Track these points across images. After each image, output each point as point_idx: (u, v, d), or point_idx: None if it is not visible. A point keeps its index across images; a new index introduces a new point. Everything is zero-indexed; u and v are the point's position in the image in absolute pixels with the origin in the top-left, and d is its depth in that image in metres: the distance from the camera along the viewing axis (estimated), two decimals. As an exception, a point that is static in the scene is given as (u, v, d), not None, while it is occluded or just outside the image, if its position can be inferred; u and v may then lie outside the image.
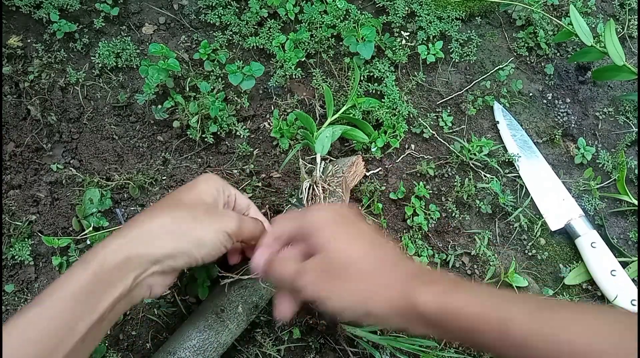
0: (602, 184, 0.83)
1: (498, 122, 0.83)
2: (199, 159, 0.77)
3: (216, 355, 0.59)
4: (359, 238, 0.45)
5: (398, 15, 0.83)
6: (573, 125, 0.86)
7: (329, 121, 0.76)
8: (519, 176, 0.80)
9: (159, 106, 0.75)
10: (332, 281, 0.43)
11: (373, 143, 0.77)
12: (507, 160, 0.81)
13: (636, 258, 0.76)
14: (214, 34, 0.81)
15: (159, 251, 0.46)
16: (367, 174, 0.77)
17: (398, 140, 0.78)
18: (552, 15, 0.89)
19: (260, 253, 0.50)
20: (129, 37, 0.79)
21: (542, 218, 0.79)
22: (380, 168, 0.78)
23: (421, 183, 0.77)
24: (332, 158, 0.76)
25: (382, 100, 0.79)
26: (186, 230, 0.47)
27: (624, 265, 0.76)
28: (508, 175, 0.80)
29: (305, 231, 0.47)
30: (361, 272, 0.43)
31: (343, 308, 0.43)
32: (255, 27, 0.82)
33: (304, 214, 0.48)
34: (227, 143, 0.77)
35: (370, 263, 0.43)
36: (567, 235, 0.80)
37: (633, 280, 0.76)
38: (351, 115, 0.76)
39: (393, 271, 0.43)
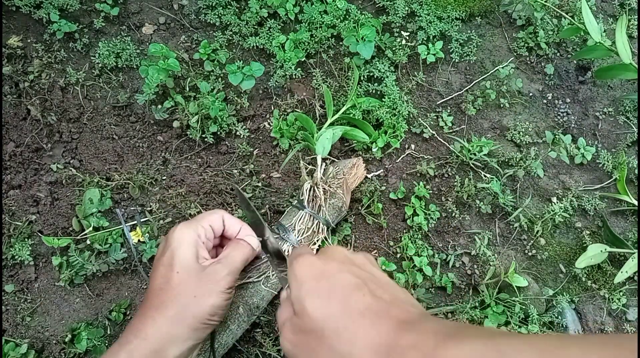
0: (602, 185, 0.83)
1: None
2: (199, 159, 0.77)
3: (218, 355, 0.59)
4: (335, 293, 0.40)
5: (398, 15, 0.83)
6: (573, 125, 0.86)
7: (329, 121, 0.76)
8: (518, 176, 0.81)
9: (159, 106, 0.75)
10: (309, 341, 0.40)
11: (374, 143, 0.77)
12: (506, 160, 0.81)
13: (635, 252, 0.76)
14: (214, 34, 0.81)
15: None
16: (368, 176, 0.77)
17: (398, 140, 0.78)
18: (552, 15, 0.89)
19: None
20: (129, 37, 0.79)
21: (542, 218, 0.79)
22: (380, 168, 0.78)
23: (421, 183, 0.77)
24: (333, 159, 0.76)
25: (383, 99, 0.79)
26: (190, 324, 0.51)
27: (624, 259, 0.76)
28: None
29: (290, 284, 0.45)
30: (340, 329, 0.38)
31: None
32: (255, 27, 0.82)
33: (291, 262, 0.46)
34: (227, 143, 0.77)
35: (347, 321, 0.38)
36: (566, 235, 0.79)
37: (633, 278, 0.76)
38: (351, 115, 0.76)
39: (374, 326, 0.38)
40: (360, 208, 0.75)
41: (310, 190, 0.68)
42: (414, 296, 0.48)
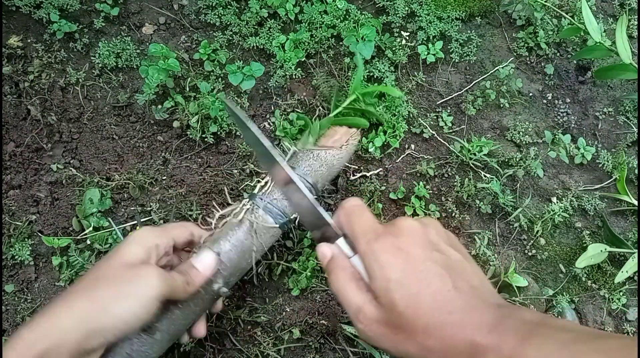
0: (602, 185, 0.83)
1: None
2: (199, 159, 0.77)
3: (166, 345, 0.55)
4: (424, 289, 0.40)
5: (398, 15, 0.83)
6: (573, 125, 0.86)
7: (332, 114, 0.75)
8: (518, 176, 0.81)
9: (159, 106, 0.75)
10: (397, 335, 0.40)
11: (371, 143, 0.77)
12: (506, 160, 0.81)
13: (635, 251, 0.76)
14: (214, 34, 0.81)
15: (73, 345, 0.44)
16: (368, 174, 0.77)
17: (398, 140, 0.78)
18: (552, 15, 0.89)
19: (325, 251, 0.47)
20: (129, 37, 0.80)
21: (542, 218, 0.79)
22: (380, 168, 0.78)
23: (421, 183, 0.77)
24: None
25: (382, 99, 0.79)
26: (102, 312, 0.45)
27: (624, 259, 0.76)
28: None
29: (369, 274, 0.43)
30: (429, 327, 0.39)
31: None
32: (255, 27, 0.82)
33: (369, 249, 0.43)
34: (227, 143, 0.77)
35: (436, 320, 0.39)
36: (566, 235, 0.79)
37: (633, 278, 0.77)
38: (357, 106, 0.75)
39: (460, 325, 0.39)
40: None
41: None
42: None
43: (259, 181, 0.65)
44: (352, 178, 0.76)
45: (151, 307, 0.47)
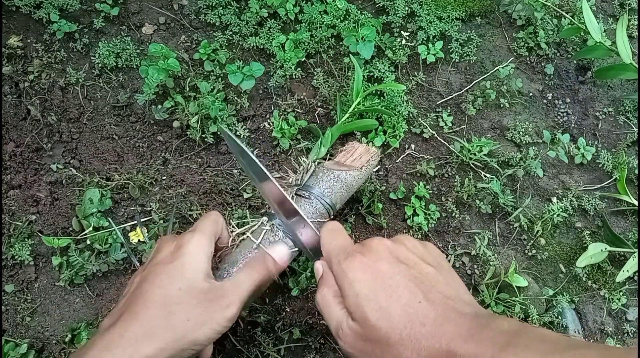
0: (602, 185, 0.83)
1: None
2: (199, 159, 0.77)
3: None
4: (393, 302, 0.41)
5: (398, 15, 0.83)
6: (573, 125, 0.86)
7: (339, 122, 0.75)
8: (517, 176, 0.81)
9: (159, 106, 0.75)
10: (374, 349, 0.41)
11: (371, 143, 0.77)
12: (506, 160, 0.81)
13: (635, 251, 0.76)
14: (214, 34, 0.81)
15: None
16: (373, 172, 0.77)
17: (398, 140, 0.78)
18: (552, 15, 0.89)
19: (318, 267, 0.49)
20: (129, 37, 0.79)
21: (542, 217, 0.79)
22: (380, 168, 0.78)
23: (421, 183, 0.77)
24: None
25: (382, 98, 0.79)
26: (182, 340, 0.45)
27: (624, 259, 0.76)
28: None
29: (341, 292, 0.44)
30: (404, 339, 0.39)
31: None
32: (255, 27, 0.82)
33: (339, 269, 0.45)
34: (227, 143, 0.77)
35: (410, 332, 0.39)
36: (566, 235, 0.79)
37: (633, 278, 0.76)
38: (362, 106, 0.75)
39: (435, 336, 0.39)
40: (360, 208, 0.75)
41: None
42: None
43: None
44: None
45: (227, 327, 0.48)
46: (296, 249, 0.59)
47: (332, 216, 0.64)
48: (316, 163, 0.69)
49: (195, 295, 0.47)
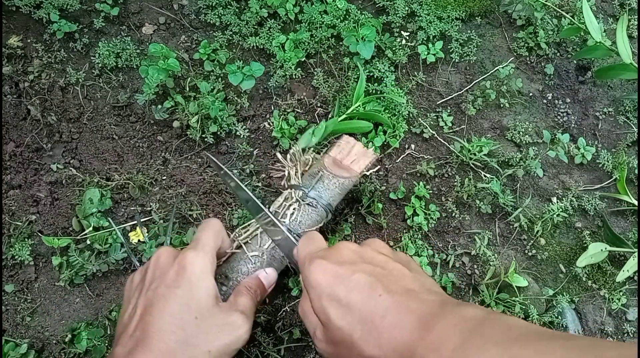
0: (602, 185, 0.83)
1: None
2: (199, 159, 0.77)
3: None
4: (353, 298, 0.41)
5: (398, 15, 0.83)
6: (573, 125, 0.86)
7: (339, 119, 0.75)
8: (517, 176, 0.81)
9: (159, 106, 0.75)
10: (341, 351, 0.41)
11: (371, 143, 0.77)
12: (506, 160, 0.81)
13: (635, 251, 0.76)
14: (214, 34, 0.81)
15: None
16: (367, 173, 0.77)
17: (398, 140, 0.78)
18: (552, 15, 0.89)
19: None
20: (129, 37, 0.79)
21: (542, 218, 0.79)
22: (380, 168, 0.78)
23: (421, 183, 0.77)
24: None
25: (381, 98, 0.79)
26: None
27: (624, 259, 0.75)
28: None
29: (308, 293, 0.45)
30: (365, 334, 0.39)
31: None
32: (255, 27, 0.82)
33: (305, 273, 0.45)
34: (227, 143, 0.77)
35: (371, 326, 0.39)
36: (566, 235, 0.79)
37: (633, 278, 0.76)
38: (360, 110, 0.75)
39: (396, 327, 0.38)
40: (360, 208, 0.75)
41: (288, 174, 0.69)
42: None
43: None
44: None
45: (243, 346, 0.50)
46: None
47: (332, 215, 0.65)
48: (312, 156, 0.69)
49: (210, 321, 0.47)
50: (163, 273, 0.49)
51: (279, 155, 0.73)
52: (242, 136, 0.76)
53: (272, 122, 0.77)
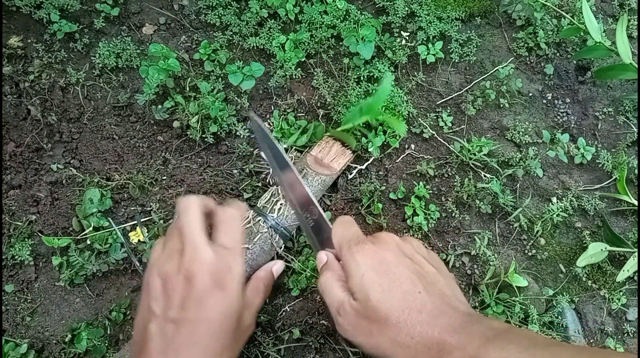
0: (602, 185, 0.83)
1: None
2: (199, 159, 0.77)
3: None
4: (395, 288, 0.45)
5: (398, 15, 0.83)
6: (573, 125, 0.86)
7: (340, 128, 0.75)
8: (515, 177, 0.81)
9: (159, 106, 0.75)
10: (371, 328, 0.45)
11: (370, 143, 0.77)
12: (506, 160, 0.81)
13: (635, 251, 0.76)
14: (214, 34, 0.81)
15: None
16: (362, 167, 0.77)
17: (398, 140, 0.79)
18: (552, 15, 0.89)
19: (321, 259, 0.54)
20: (129, 38, 0.80)
21: (541, 218, 0.79)
22: (380, 168, 0.78)
23: (421, 183, 0.77)
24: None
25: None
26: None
27: (624, 259, 0.75)
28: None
29: (347, 273, 0.48)
30: (400, 322, 0.43)
31: (378, 355, 0.45)
32: (256, 27, 0.82)
33: (348, 252, 0.49)
34: (227, 143, 0.77)
35: (407, 317, 0.43)
36: (566, 235, 0.79)
37: (633, 278, 0.76)
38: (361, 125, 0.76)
39: (429, 324, 0.43)
40: (360, 207, 0.75)
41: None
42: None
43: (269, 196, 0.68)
44: (349, 176, 0.76)
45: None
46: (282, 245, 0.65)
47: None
48: (294, 155, 0.72)
49: (233, 331, 0.49)
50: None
51: (263, 154, 0.75)
52: (242, 136, 0.76)
53: (272, 122, 0.77)
